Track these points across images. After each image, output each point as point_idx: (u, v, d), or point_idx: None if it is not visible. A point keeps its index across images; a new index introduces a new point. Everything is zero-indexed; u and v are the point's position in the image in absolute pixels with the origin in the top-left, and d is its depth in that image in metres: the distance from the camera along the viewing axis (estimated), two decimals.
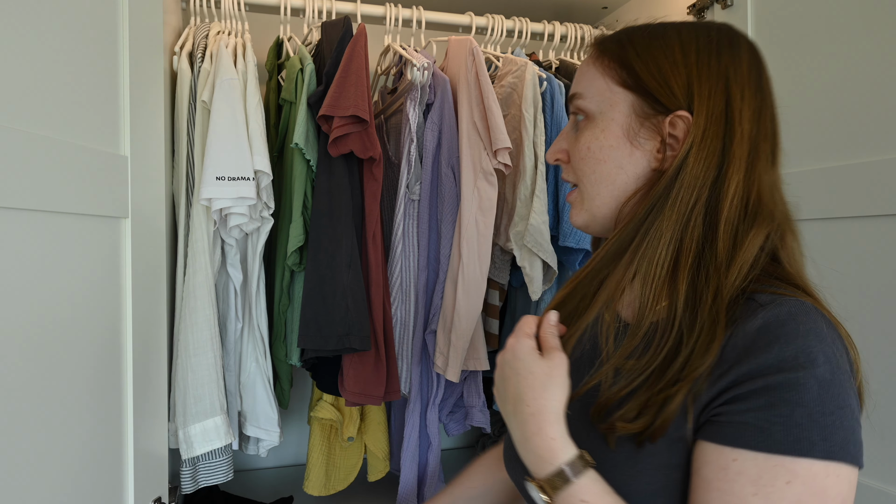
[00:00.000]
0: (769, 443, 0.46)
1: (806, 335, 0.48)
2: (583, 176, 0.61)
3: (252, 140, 1.01)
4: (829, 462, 0.45)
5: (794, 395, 0.46)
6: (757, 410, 0.47)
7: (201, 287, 1.00)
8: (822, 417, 0.46)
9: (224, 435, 1.00)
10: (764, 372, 0.47)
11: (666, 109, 0.57)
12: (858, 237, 0.87)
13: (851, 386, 0.49)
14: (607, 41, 0.62)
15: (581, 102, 0.62)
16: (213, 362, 1.00)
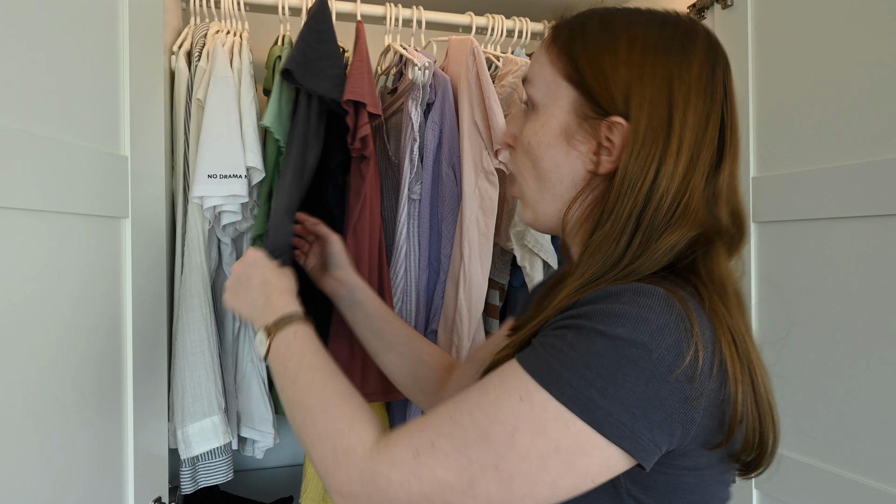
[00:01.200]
0: (529, 361, 0.48)
1: (626, 305, 0.46)
2: (523, 170, 0.60)
3: (245, 137, 1.00)
4: (565, 410, 0.45)
5: (574, 337, 0.46)
6: (544, 337, 0.49)
7: (197, 286, 1.00)
8: (584, 369, 0.45)
9: (222, 434, 1.00)
10: (574, 316, 0.48)
11: (604, 112, 0.54)
12: (858, 237, 0.87)
13: (655, 378, 0.44)
14: (562, 27, 0.58)
15: (529, 89, 0.59)
16: (210, 361, 1.00)
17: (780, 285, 1.00)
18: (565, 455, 0.45)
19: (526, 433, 0.45)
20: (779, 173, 1.00)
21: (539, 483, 0.46)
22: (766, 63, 1.04)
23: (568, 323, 0.48)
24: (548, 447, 0.45)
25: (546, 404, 0.45)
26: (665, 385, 0.45)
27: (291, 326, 0.65)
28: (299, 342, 0.63)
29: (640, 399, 0.44)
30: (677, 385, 0.45)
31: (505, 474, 0.46)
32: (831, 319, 0.92)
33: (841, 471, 0.90)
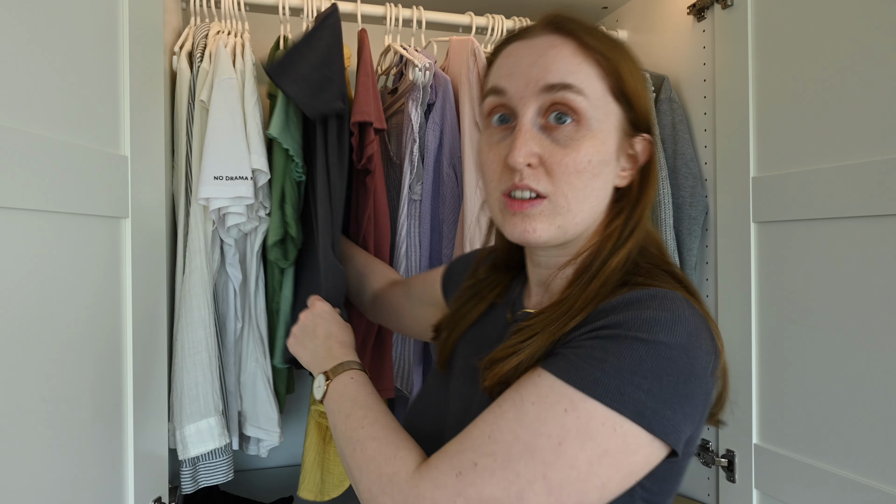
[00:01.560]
0: (569, 374, 0.49)
1: (660, 311, 0.50)
2: (569, 190, 0.55)
3: (250, 139, 1.00)
4: (615, 413, 0.47)
5: (615, 347, 0.49)
6: (578, 348, 0.50)
7: (197, 286, 1.00)
8: (630, 375, 0.47)
9: (218, 436, 1.00)
10: (607, 326, 0.50)
11: (637, 129, 0.59)
12: (858, 237, 0.87)
13: (693, 375, 0.49)
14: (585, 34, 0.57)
15: (579, 100, 0.55)
16: (208, 362, 1.00)
17: (780, 285, 1.00)
18: (614, 456, 0.47)
19: (574, 441, 0.47)
20: (779, 173, 1.00)
21: (589, 488, 0.47)
22: (766, 63, 1.04)
23: (603, 334, 0.50)
24: (596, 451, 0.47)
25: (594, 412, 0.47)
26: (696, 381, 0.49)
27: (349, 372, 0.69)
28: (355, 384, 0.67)
29: (679, 395, 0.48)
30: (705, 380, 0.50)
31: (555, 483, 0.46)
32: (831, 319, 0.92)
33: (841, 471, 0.90)
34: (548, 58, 0.56)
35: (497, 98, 0.58)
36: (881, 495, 0.83)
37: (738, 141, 1.08)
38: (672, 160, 1.23)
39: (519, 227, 0.56)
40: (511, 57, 0.59)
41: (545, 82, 0.55)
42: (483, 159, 0.60)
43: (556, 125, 0.56)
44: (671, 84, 1.26)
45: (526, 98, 0.56)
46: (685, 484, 1.26)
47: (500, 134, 0.59)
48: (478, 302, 0.71)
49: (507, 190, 0.57)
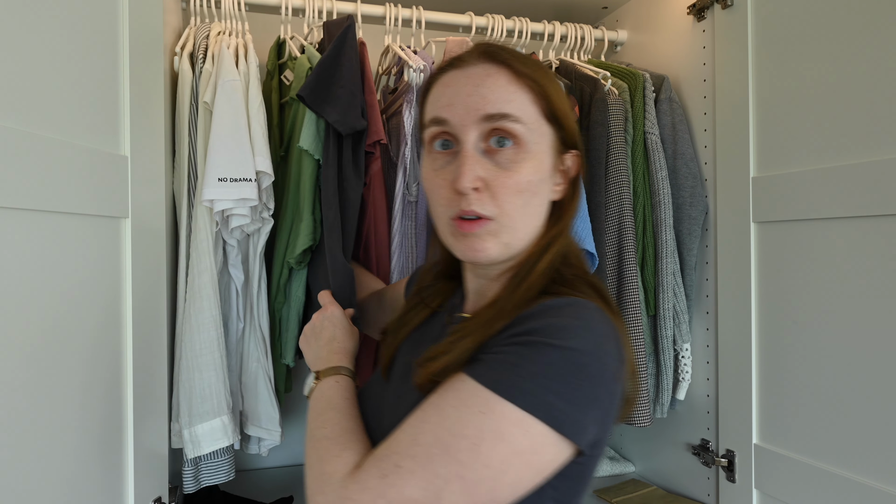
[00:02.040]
0: (486, 378, 0.52)
1: (572, 318, 0.54)
2: (512, 209, 0.60)
3: (254, 141, 1.01)
4: (526, 414, 0.50)
5: (530, 352, 0.52)
6: (497, 354, 0.54)
7: (206, 287, 1.00)
8: (543, 379, 0.51)
9: (231, 434, 1.01)
10: (525, 332, 0.54)
11: (566, 147, 0.65)
12: (858, 237, 0.87)
13: (600, 379, 0.52)
14: (517, 63, 0.61)
15: (517, 127, 0.59)
16: (220, 362, 1.01)
17: (780, 285, 1.00)
18: (525, 456, 0.50)
19: (488, 442, 0.49)
20: (779, 173, 1.00)
21: (502, 485, 0.50)
22: (766, 63, 1.04)
23: (520, 340, 0.53)
24: (509, 451, 0.50)
25: (507, 414, 0.50)
26: (603, 385, 0.53)
27: (336, 376, 0.72)
28: (337, 387, 0.70)
29: (587, 398, 0.51)
30: (612, 384, 0.53)
31: (470, 482, 0.49)
32: (831, 319, 0.92)
33: (841, 471, 0.90)
34: (485, 87, 0.60)
35: (439, 127, 0.62)
36: (881, 495, 0.83)
37: (738, 141, 1.08)
38: (672, 160, 1.23)
39: (470, 248, 0.61)
40: (449, 87, 0.62)
41: (485, 112, 0.59)
42: (429, 185, 0.64)
43: (497, 149, 0.60)
44: (671, 84, 1.26)
45: (467, 126, 0.60)
46: (685, 484, 1.26)
47: (443, 159, 0.62)
48: (421, 309, 0.75)
49: (456, 214, 0.61)
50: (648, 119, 1.23)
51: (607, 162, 1.19)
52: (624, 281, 1.17)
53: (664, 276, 1.19)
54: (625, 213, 1.18)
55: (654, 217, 1.22)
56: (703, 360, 1.20)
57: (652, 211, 1.23)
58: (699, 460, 1.20)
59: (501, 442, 0.49)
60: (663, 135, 1.24)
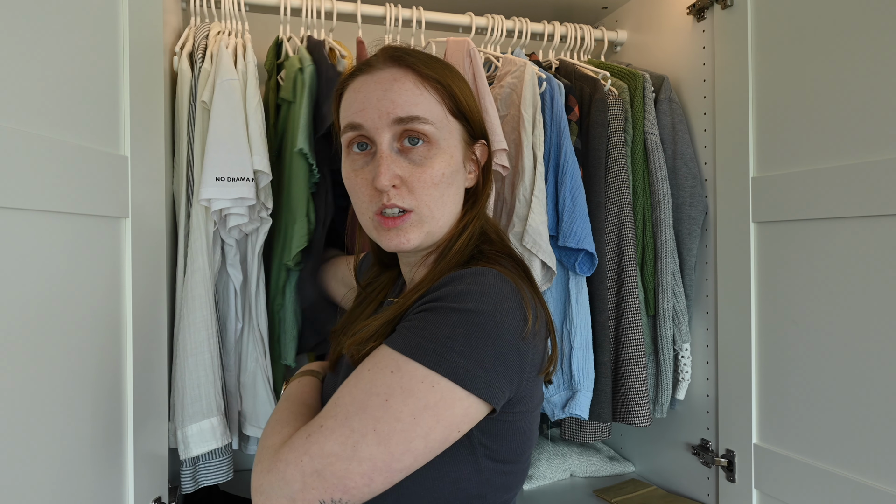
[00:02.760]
0: (397, 342, 0.57)
1: (472, 284, 0.58)
2: (430, 201, 0.65)
3: (252, 141, 1.01)
4: (432, 372, 0.54)
5: (434, 316, 0.57)
6: (408, 321, 0.59)
7: (199, 287, 1.00)
8: (445, 339, 0.55)
9: (220, 436, 1.00)
10: (430, 301, 0.59)
11: (475, 137, 0.71)
12: (858, 237, 0.87)
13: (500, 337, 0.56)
14: (422, 65, 0.66)
15: (426, 128, 0.64)
16: (210, 363, 1.00)
17: (780, 285, 1.00)
18: (433, 410, 0.54)
19: (398, 397, 0.54)
20: (779, 173, 1.00)
21: (414, 437, 0.54)
22: (766, 63, 1.04)
23: (426, 307, 0.58)
24: (417, 405, 0.54)
25: (414, 371, 0.55)
26: (504, 343, 0.56)
27: (302, 377, 0.77)
28: (299, 385, 0.75)
29: (490, 356, 0.56)
30: (514, 342, 0.57)
31: (383, 434, 0.53)
32: (831, 319, 0.92)
33: (841, 471, 0.90)
34: (393, 92, 0.65)
35: (355, 132, 0.66)
36: (881, 495, 0.83)
37: (738, 141, 1.08)
38: (672, 160, 1.23)
39: (394, 240, 0.66)
40: (360, 92, 0.66)
41: (395, 115, 0.64)
42: (351, 184, 0.69)
43: (410, 147, 0.65)
44: (671, 84, 1.26)
45: (380, 129, 0.65)
46: (685, 484, 1.26)
47: (362, 160, 0.67)
48: (367, 304, 0.80)
49: (379, 210, 0.66)
50: (648, 119, 1.23)
51: (607, 162, 1.19)
52: (624, 281, 1.17)
53: (664, 277, 1.20)
54: (624, 213, 1.18)
55: (654, 217, 1.22)
56: (702, 360, 1.20)
57: (652, 211, 1.23)
58: (699, 460, 1.20)
59: (410, 397, 0.54)
60: (663, 135, 1.24)
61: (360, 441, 0.53)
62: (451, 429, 0.56)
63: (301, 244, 1.06)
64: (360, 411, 0.54)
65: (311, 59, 1.11)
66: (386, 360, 0.56)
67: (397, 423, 0.54)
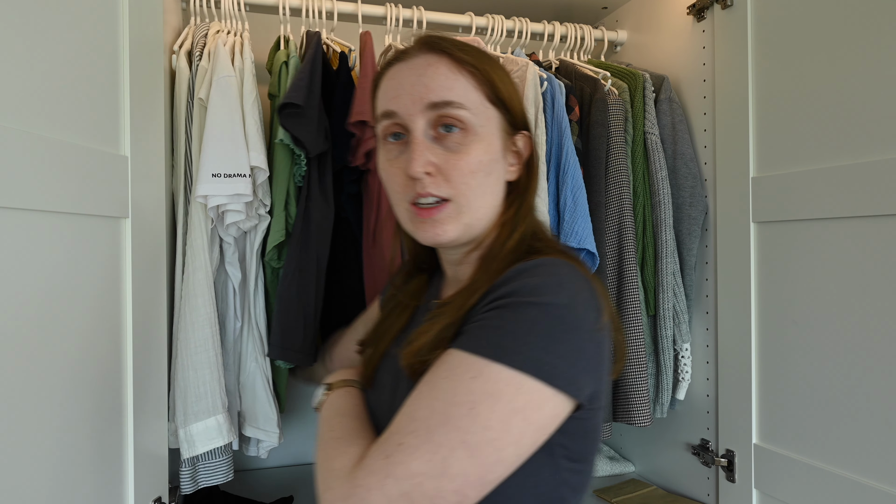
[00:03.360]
0: (472, 345, 0.53)
1: (545, 276, 0.55)
2: (467, 189, 0.62)
3: (249, 137, 1.00)
4: (517, 372, 0.51)
5: (510, 313, 0.53)
6: (478, 321, 0.55)
7: (201, 285, 1.00)
8: (526, 336, 0.52)
9: (226, 433, 1.00)
10: (501, 296, 0.55)
11: (516, 127, 0.67)
12: (858, 237, 0.87)
13: (580, 329, 0.53)
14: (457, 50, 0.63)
15: (461, 113, 0.61)
16: (214, 360, 1.00)
17: (780, 285, 1.00)
18: (522, 413, 0.51)
19: (484, 404, 0.50)
20: (779, 173, 1.00)
21: (505, 445, 0.50)
22: (766, 63, 1.04)
23: (498, 304, 0.55)
24: (506, 410, 0.50)
25: (498, 374, 0.51)
26: (585, 335, 0.54)
27: (347, 387, 0.73)
28: (346, 396, 0.71)
29: (572, 350, 0.53)
30: (593, 334, 0.54)
31: (473, 446, 0.49)
32: (831, 319, 0.92)
33: (841, 471, 0.90)
34: (427, 76, 0.62)
35: (389, 120, 0.64)
36: (881, 495, 0.83)
37: (738, 141, 1.08)
38: (672, 160, 1.23)
39: (430, 231, 0.63)
40: (394, 79, 0.64)
41: (429, 100, 0.61)
42: (385, 175, 0.66)
43: (445, 133, 0.62)
44: (671, 84, 1.26)
45: (414, 115, 0.62)
46: (685, 484, 1.26)
47: (397, 149, 0.65)
48: (401, 312, 0.75)
49: (413, 199, 0.63)
50: (648, 119, 1.23)
51: (607, 162, 1.19)
52: (624, 281, 1.17)
53: (664, 276, 1.20)
54: (625, 213, 1.18)
55: (654, 217, 1.22)
56: (702, 360, 1.20)
57: (652, 211, 1.23)
58: (699, 460, 1.20)
59: (498, 402, 0.50)
60: (663, 135, 1.24)
61: (449, 456, 0.49)
62: (541, 431, 0.53)
63: (277, 239, 1.05)
64: (444, 423, 0.50)
65: (296, 51, 1.11)
66: (463, 364, 0.52)
67: (487, 432, 0.50)
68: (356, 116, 1.03)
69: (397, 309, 0.76)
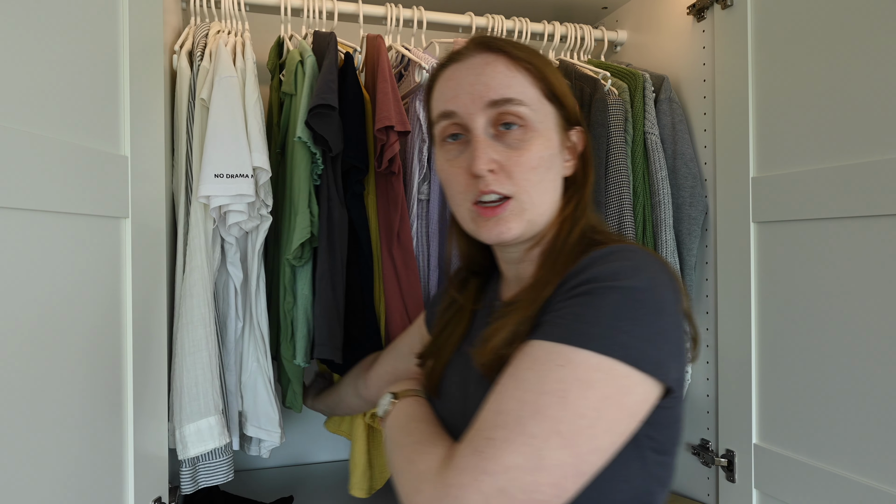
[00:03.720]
0: (555, 333, 0.52)
1: (622, 261, 0.55)
2: (529, 186, 0.62)
3: (251, 137, 1.01)
4: (605, 357, 0.50)
5: (591, 300, 0.53)
6: (557, 311, 0.55)
7: (197, 285, 1.00)
8: (610, 321, 0.51)
9: (218, 436, 0.99)
10: (580, 284, 0.55)
11: (570, 123, 0.67)
12: (858, 237, 0.87)
13: (663, 311, 0.53)
14: (513, 48, 0.64)
15: (521, 110, 0.62)
16: (209, 362, 1.00)
17: (780, 285, 1.00)
18: (614, 399, 0.50)
19: (575, 391, 0.49)
20: (779, 173, 1.00)
21: (600, 433, 0.49)
22: (765, 63, 1.04)
23: (576, 291, 0.54)
24: (598, 396, 0.49)
25: (587, 360, 0.50)
26: (668, 317, 0.53)
27: (415, 396, 0.73)
28: (417, 404, 0.71)
29: (657, 332, 0.52)
30: (674, 315, 0.54)
31: (568, 435, 0.48)
32: (831, 319, 0.92)
33: (841, 471, 0.90)
34: (486, 75, 0.63)
35: (449, 120, 0.64)
36: (881, 495, 0.83)
37: (738, 141, 1.08)
38: (672, 160, 1.23)
39: (494, 229, 0.63)
40: (451, 80, 0.65)
41: (489, 98, 0.62)
42: (445, 175, 0.66)
43: (505, 131, 0.62)
44: (671, 84, 1.26)
45: (474, 114, 0.62)
46: (685, 484, 1.26)
47: (456, 149, 0.65)
48: (459, 320, 0.75)
49: (476, 198, 0.63)
50: (648, 119, 1.23)
51: (607, 162, 1.19)
52: None
53: None
54: (625, 213, 1.18)
55: (654, 217, 1.22)
56: (702, 360, 1.20)
57: (652, 211, 1.23)
58: (699, 460, 1.20)
59: (589, 389, 0.49)
60: (663, 135, 1.24)
61: (544, 447, 0.48)
62: (633, 417, 0.52)
63: (303, 237, 1.05)
64: (535, 414, 0.49)
65: (311, 50, 1.11)
66: (549, 354, 0.51)
67: (581, 419, 0.49)
68: (383, 122, 1.04)
69: (455, 317, 0.75)
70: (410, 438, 0.62)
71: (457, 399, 0.67)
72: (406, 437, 0.63)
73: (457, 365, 0.71)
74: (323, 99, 1.01)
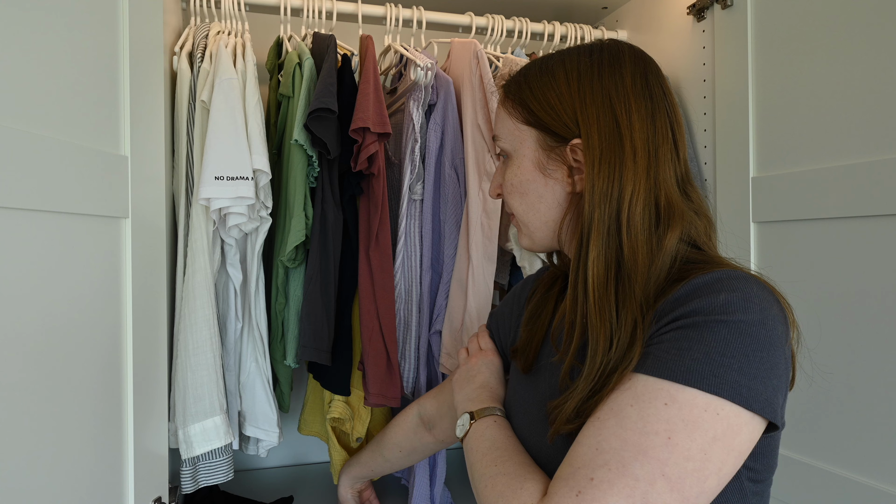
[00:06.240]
0: (660, 369, 0.50)
1: (730, 292, 0.52)
2: (514, 207, 0.69)
3: (251, 139, 1.01)
4: (713, 397, 0.48)
5: (698, 334, 0.50)
6: (661, 344, 0.52)
7: (200, 287, 1.00)
8: (720, 357, 0.49)
9: (224, 435, 1.00)
10: (684, 315, 0.52)
11: (564, 139, 0.63)
12: (858, 237, 0.87)
13: (773, 346, 0.51)
14: (510, 83, 0.69)
15: (499, 143, 0.70)
16: (213, 362, 1.00)
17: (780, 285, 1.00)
18: (722, 440, 0.48)
19: (682, 433, 0.47)
20: (779, 173, 1.00)
21: (707, 476, 0.48)
22: (765, 63, 1.04)
23: (682, 324, 0.52)
24: (706, 438, 0.47)
25: (694, 399, 0.48)
26: (777, 351, 0.51)
27: (493, 417, 0.70)
28: (497, 427, 0.69)
29: (766, 368, 0.50)
30: (783, 348, 0.52)
31: (675, 479, 0.47)
32: (831, 319, 0.92)
33: (841, 471, 0.90)
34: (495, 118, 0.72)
35: None
36: (882, 496, 0.83)
37: (738, 141, 1.08)
38: None
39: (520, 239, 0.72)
40: None
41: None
42: None
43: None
44: (671, 84, 1.26)
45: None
46: None
47: None
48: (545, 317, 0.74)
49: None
50: None
51: None
52: None
53: None
54: None
55: None
56: None
57: None
58: None
59: (696, 430, 0.47)
60: None
61: (649, 490, 0.46)
62: (740, 457, 0.50)
63: (297, 239, 1.05)
64: (640, 455, 0.47)
65: (309, 52, 1.11)
66: (652, 391, 0.49)
67: (688, 462, 0.47)
68: (358, 123, 1.03)
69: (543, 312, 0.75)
70: (497, 469, 0.60)
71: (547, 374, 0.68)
72: (491, 465, 0.61)
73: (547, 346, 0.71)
74: (323, 103, 1.02)
